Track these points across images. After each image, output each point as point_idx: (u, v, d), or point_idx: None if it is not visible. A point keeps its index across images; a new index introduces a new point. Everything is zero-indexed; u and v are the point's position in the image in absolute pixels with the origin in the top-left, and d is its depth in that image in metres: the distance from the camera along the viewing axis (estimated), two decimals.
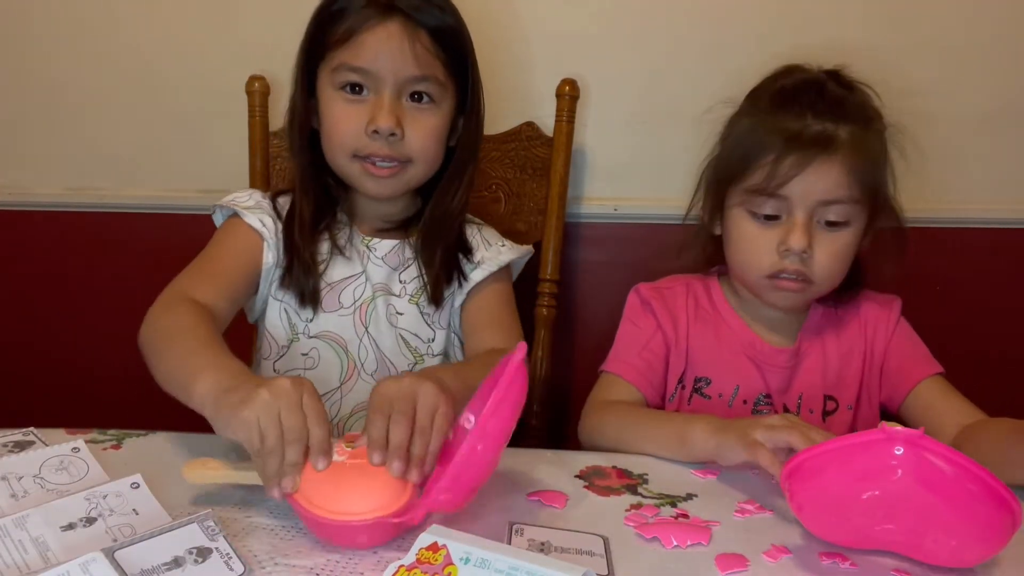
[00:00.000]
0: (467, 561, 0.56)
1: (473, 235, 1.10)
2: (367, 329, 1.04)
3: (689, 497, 0.78)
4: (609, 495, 0.77)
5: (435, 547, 0.57)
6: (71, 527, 0.65)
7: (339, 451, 0.69)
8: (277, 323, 1.04)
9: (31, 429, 0.83)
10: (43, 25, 1.43)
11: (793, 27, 1.28)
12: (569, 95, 1.27)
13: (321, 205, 1.03)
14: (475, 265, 1.06)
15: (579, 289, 1.41)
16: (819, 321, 1.04)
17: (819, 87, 0.95)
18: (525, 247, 1.13)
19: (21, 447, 0.79)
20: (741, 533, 0.71)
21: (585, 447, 0.95)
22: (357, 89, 0.97)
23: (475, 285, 1.06)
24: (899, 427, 0.64)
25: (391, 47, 0.95)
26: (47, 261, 1.54)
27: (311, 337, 1.04)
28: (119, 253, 1.51)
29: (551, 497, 0.76)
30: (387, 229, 1.06)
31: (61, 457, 0.76)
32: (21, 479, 0.72)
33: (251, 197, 1.05)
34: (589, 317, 1.41)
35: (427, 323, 1.06)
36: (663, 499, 0.77)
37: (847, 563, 0.67)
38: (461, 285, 1.06)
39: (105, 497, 0.68)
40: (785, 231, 0.94)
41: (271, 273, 1.02)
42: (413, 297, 1.06)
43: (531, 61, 1.35)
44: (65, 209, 1.50)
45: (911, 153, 0.99)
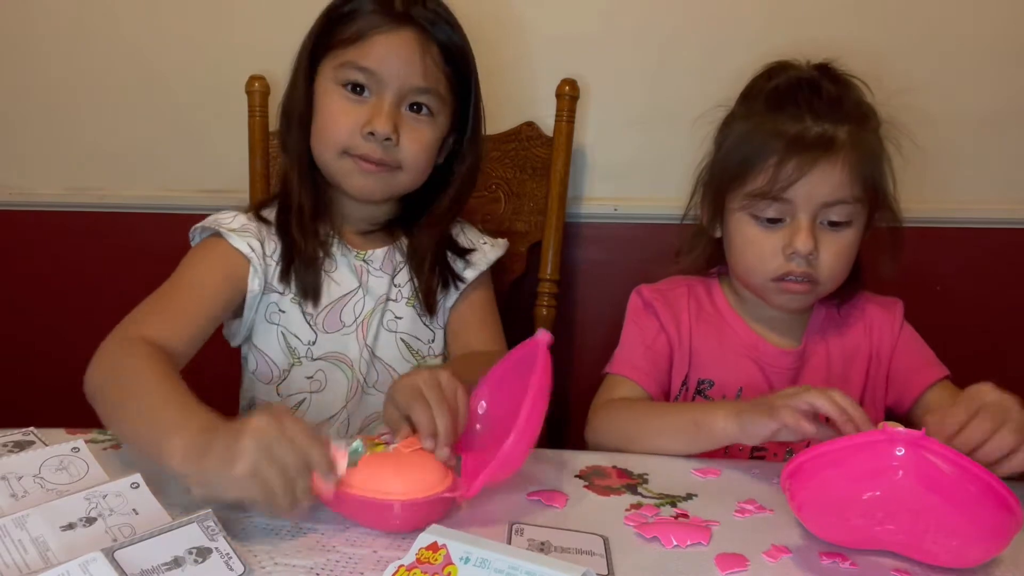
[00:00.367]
0: (467, 561, 0.56)
1: (458, 235, 1.10)
2: (367, 343, 1.04)
3: (689, 497, 0.78)
4: (609, 495, 0.77)
5: (435, 547, 0.57)
6: (71, 527, 0.65)
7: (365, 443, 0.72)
8: (275, 348, 1.02)
9: (31, 429, 0.83)
10: (43, 25, 1.43)
11: (792, 26, 1.28)
12: (569, 95, 1.27)
13: (318, 198, 1.02)
14: (467, 264, 1.07)
15: (579, 289, 1.41)
16: (822, 323, 1.04)
17: (814, 86, 0.94)
18: (501, 240, 1.14)
19: (21, 447, 0.79)
20: (741, 533, 0.71)
21: (593, 447, 0.95)
22: (358, 89, 0.97)
23: (465, 286, 1.07)
24: (900, 428, 0.64)
25: (402, 55, 0.95)
26: (47, 261, 1.53)
27: (315, 359, 1.03)
28: (119, 253, 1.51)
29: (551, 497, 0.76)
30: (371, 232, 1.05)
31: (61, 457, 0.76)
32: (21, 479, 0.72)
33: (236, 219, 1.01)
34: (589, 317, 1.41)
35: (425, 324, 1.06)
36: (663, 499, 0.77)
37: (847, 563, 0.67)
38: (456, 287, 1.06)
39: (105, 497, 0.68)
40: (790, 234, 0.94)
41: (256, 300, 0.99)
42: (409, 300, 1.06)
43: (531, 61, 1.35)
44: (65, 209, 1.50)
45: (911, 153, 0.99)
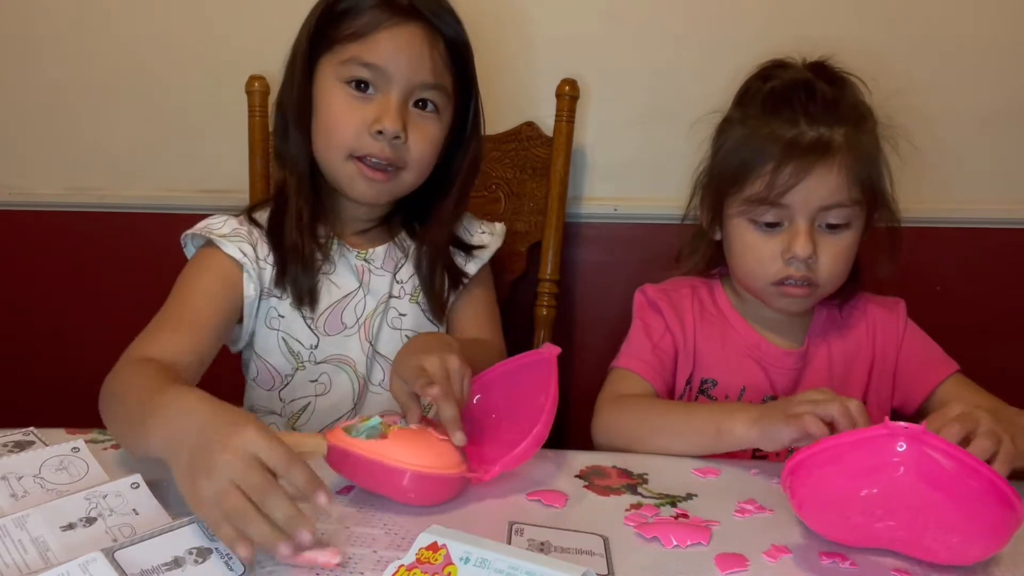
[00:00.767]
0: (467, 561, 0.56)
1: (460, 229, 1.09)
2: (371, 343, 1.03)
3: (689, 497, 0.78)
4: (609, 495, 0.77)
5: (435, 547, 0.57)
6: (71, 527, 0.65)
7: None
8: (276, 353, 1.01)
9: (31, 429, 0.83)
10: (43, 26, 1.43)
11: (792, 26, 1.28)
12: (569, 95, 1.27)
13: (315, 203, 1.00)
14: (469, 258, 1.07)
15: (579, 289, 1.41)
16: (824, 324, 1.04)
17: (809, 88, 0.94)
18: (499, 225, 1.14)
19: (21, 447, 0.79)
20: (741, 533, 0.71)
21: (600, 444, 0.94)
22: (363, 86, 0.94)
23: (468, 280, 1.07)
24: (902, 423, 0.64)
25: (411, 50, 0.93)
26: (47, 261, 1.53)
27: (318, 363, 1.02)
28: (119, 253, 1.51)
29: (551, 497, 0.76)
30: (370, 229, 1.04)
31: (61, 457, 0.76)
32: (21, 479, 0.72)
33: (226, 224, 0.99)
34: (589, 317, 1.41)
35: (429, 319, 1.06)
36: (663, 499, 0.77)
37: (847, 563, 0.67)
38: (463, 283, 1.06)
39: (105, 497, 0.68)
40: (788, 238, 0.94)
41: (254, 305, 0.98)
42: (412, 296, 1.05)
43: (531, 61, 1.35)
44: (65, 209, 1.50)
45: (910, 153, 0.99)
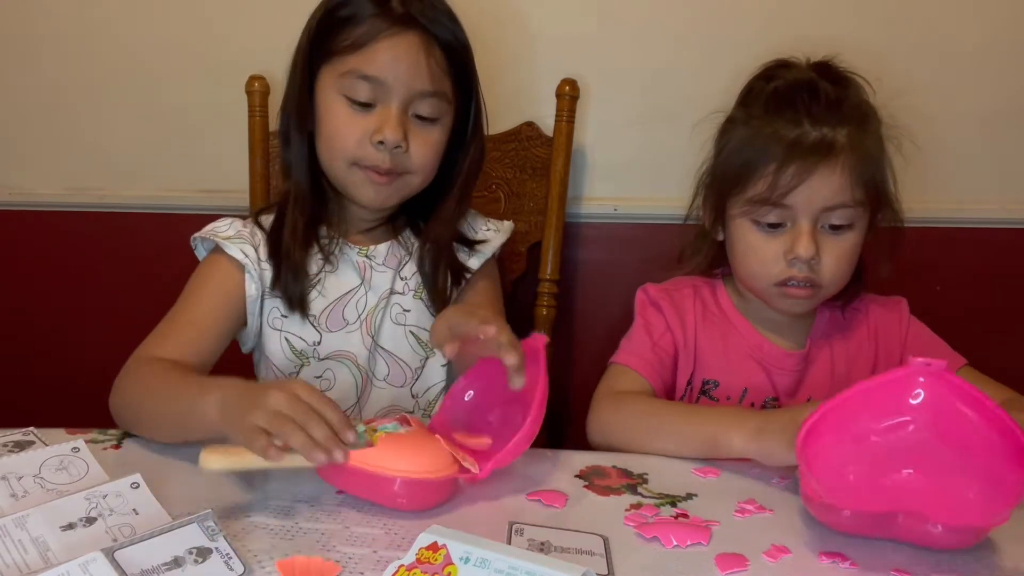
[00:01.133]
0: (467, 561, 0.56)
1: (465, 227, 1.09)
2: (373, 338, 1.04)
3: (689, 497, 0.78)
4: (609, 495, 0.77)
5: (435, 547, 0.57)
6: (71, 527, 0.65)
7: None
8: (279, 352, 1.02)
9: (31, 429, 0.83)
10: (43, 26, 1.43)
11: (793, 26, 1.28)
12: (569, 95, 1.27)
13: (315, 210, 1.02)
14: (472, 254, 1.07)
15: (579, 289, 1.41)
16: (826, 325, 1.04)
17: (812, 88, 0.94)
18: (507, 223, 1.13)
19: (21, 447, 0.79)
20: (741, 533, 0.71)
21: (595, 442, 0.94)
22: (364, 97, 0.95)
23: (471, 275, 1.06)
24: (921, 359, 0.63)
25: (407, 59, 0.93)
26: (47, 261, 1.53)
27: (322, 359, 1.03)
28: (119, 253, 1.51)
29: (551, 497, 0.76)
30: (372, 228, 1.05)
31: (61, 457, 0.76)
32: (21, 479, 0.72)
33: (231, 226, 1.02)
34: (589, 317, 1.41)
35: (432, 315, 1.06)
36: (663, 499, 0.77)
37: (847, 563, 0.66)
38: (465, 279, 1.06)
39: (105, 497, 0.68)
40: (791, 239, 0.93)
41: (256, 304, 1.00)
42: (416, 292, 1.05)
43: (531, 61, 1.35)
44: (65, 209, 1.50)
45: (911, 153, 0.99)
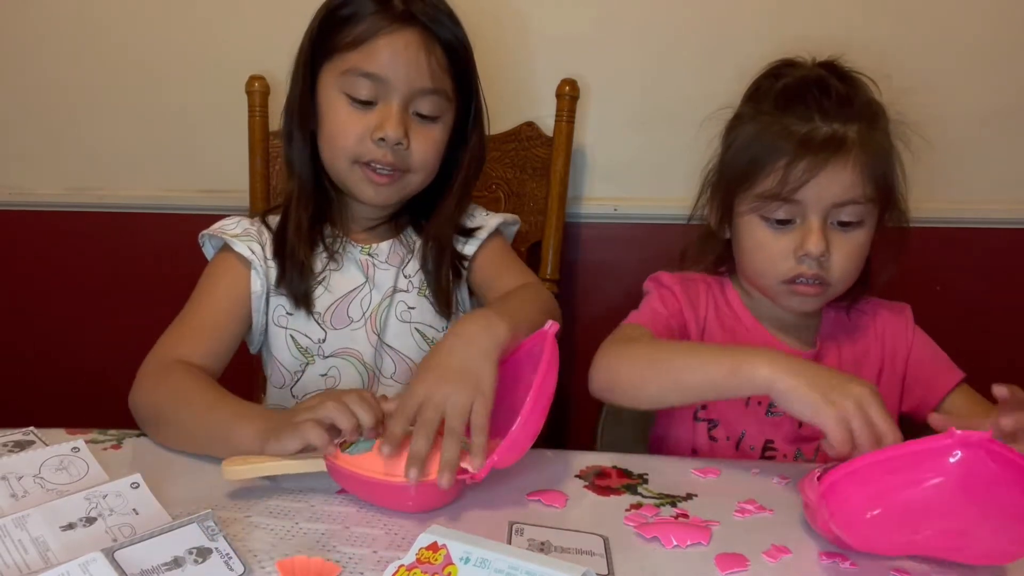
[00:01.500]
0: (467, 561, 0.56)
1: (467, 221, 1.09)
2: (379, 336, 1.04)
3: (689, 497, 0.78)
4: (609, 495, 0.77)
5: (435, 547, 0.57)
6: (71, 527, 0.65)
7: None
8: (284, 351, 1.03)
9: (31, 429, 0.83)
10: (43, 26, 1.43)
11: (794, 25, 1.28)
12: (569, 95, 1.27)
13: (319, 208, 1.02)
14: (469, 239, 1.06)
15: (579, 289, 1.42)
16: (832, 326, 1.03)
17: (822, 85, 0.93)
18: (512, 216, 1.13)
19: (21, 447, 0.79)
20: (741, 533, 0.71)
21: (599, 384, 0.92)
22: (365, 94, 0.95)
23: (473, 255, 1.06)
24: (963, 431, 0.62)
25: (408, 57, 0.94)
26: (47, 261, 1.54)
27: (327, 357, 1.03)
28: (119, 253, 1.51)
29: (551, 497, 0.76)
30: (375, 226, 1.06)
31: (61, 457, 0.76)
32: (21, 479, 0.72)
33: (239, 224, 1.03)
34: (589, 317, 1.41)
35: (437, 312, 1.06)
36: (663, 499, 0.77)
37: (847, 563, 0.66)
38: (464, 267, 1.06)
39: (105, 497, 0.68)
40: (801, 236, 0.92)
41: (261, 301, 1.01)
42: (420, 289, 1.05)
43: (531, 61, 1.35)
44: (65, 209, 1.50)
45: (910, 152, 0.99)
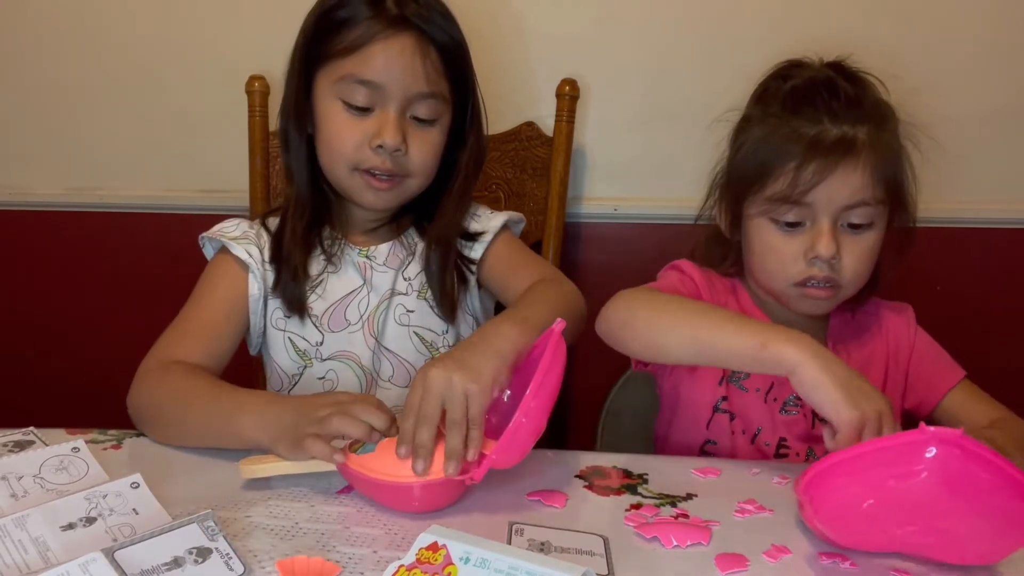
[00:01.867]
0: (467, 561, 0.56)
1: (470, 222, 1.08)
2: (377, 339, 1.04)
3: (689, 497, 0.78)
4: (609, 495, 0.77)
5: (435, 547, 0.57)
6: (71, 527, 0.65)
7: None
8: (283, 353, 1.03)
9: (31, 429, 0.83)
10: (43, 26, 1.43)
11: (794, 25, 1.28)
12: (569, 95, 1.27)
13: (316, 213, 1.02)
14: (475, 243, 1.06)
15: (579, 289, 1.41)
16: (840, 328, 1.03)
17: (831, 86, 0.92)
18: (516, 213, 1.13)
19: (21, 447, 0.79)
20: (741, 533, 0.71)
21: (609, 324, 0.91)
22: (362, 101, 0.95)
23: (482, 256, 1.06)
24: (932, 427, 0.63)
25: (403, 62, 0.93)
26: (47, 261, 1.54)
27: (324, 360, 1.03)
28: (119, 253, 1.51)
29: (551, 497, 0.76)
30: (375, 229, 1.05)
31: (61, 457, 0.76)
32: (21, 479, 0.72)
33: (238, 227, 1.04)
34: (588, 317, 1.41)
35: (437, 315, 1.06)
36: (663, 499, 0.77)
37: (847, 563, 0.66)
38: (472, 272, 1.05)
39: (105, 497, 0.68)
40: (811, 238, 0.92)
41: (259, 304, 1.01)
42: (420, 293, 1.05)
43: (531, 61, 1.35)
44: (65, 209, 1.50)
45: (920, 153, 0.98)
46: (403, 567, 0.57)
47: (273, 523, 0.69)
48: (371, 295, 1.04)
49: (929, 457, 0.62)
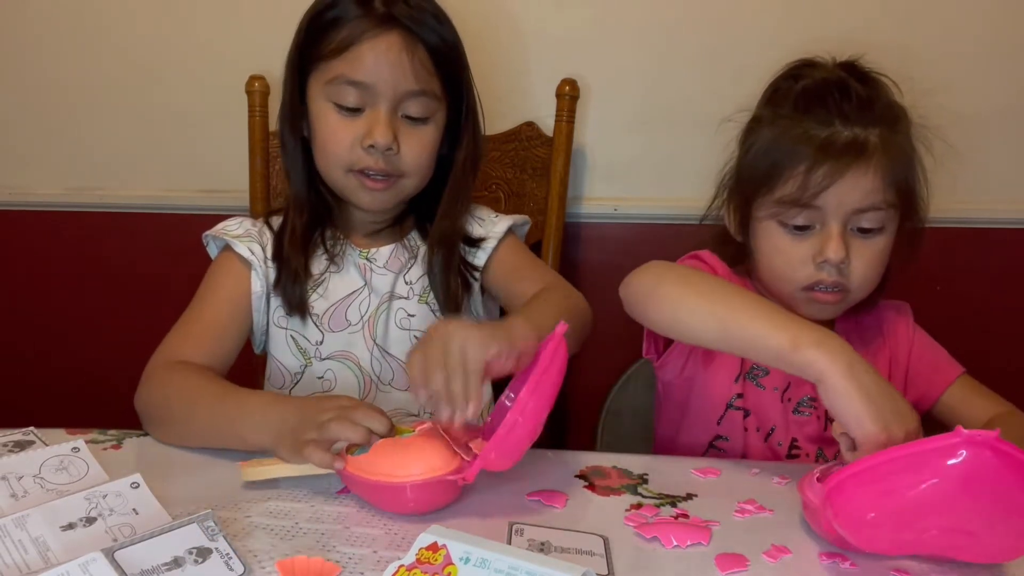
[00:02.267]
0: (467, 561, 0.56)
1: (471, 224, 1.08)
2: (376, 341, 1.03)
3: (689, 497, 0.78)
4: (609, 495, 0.77)
5: (435, 547, 0.57)
6: (71, 527, 0.65)
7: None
8: (285, 351, 1.03)
9: (31, 429, 0.83)
10: (43, 26, 1.43)
11: (795, 25, 1.28)
12: (569, 95, 1.27)
13: (316, 214, 1.03)
14: (478, 249, 1.06)
15: (579, 289, 1.41)
16: (846, 329, 1.02)
17: (843, 87, 0.91)
18: (521, 216, 1.12)
19: (21, 447, 0.79)
20: (741, 533, 0.71)
21: (633, 289, 0.89)
22: (352, 102, 0.95)
23: (485, 262, 1.05)
24: (969, 431, 0.61)
25: (390, 60, 0.94)
26: (47, 261, 1.54)
27: (324, 359, 1.03)
28: (119, 253, 1.51)
29: (551, 497, 0.76)
30: (378, 231, 1.06)
31: (61, 457, 0.76)
32: (21, 479, 0.72)
33: (241, 225, 1.04)
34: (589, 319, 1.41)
35: (439, 320, 1.05)
36: (663, 499, 0.77)
37: (847, 563, 0.66)
38: (475, 278, 1.05)
39: (105, 497, 0.68)
40: (820, 242, 0.91)
41: (261, 301, 1.01)
42: (422, 296, 1.05)
43: (531, 61, 1.35)
44: (65, 209, 1.50)
45: (932, 156, 0.97)
46: (403, 567, 0.57)
47: (273, 523, 0.69)
48: (371, 296, 1.04)
49: (959, 461, 0.60)
